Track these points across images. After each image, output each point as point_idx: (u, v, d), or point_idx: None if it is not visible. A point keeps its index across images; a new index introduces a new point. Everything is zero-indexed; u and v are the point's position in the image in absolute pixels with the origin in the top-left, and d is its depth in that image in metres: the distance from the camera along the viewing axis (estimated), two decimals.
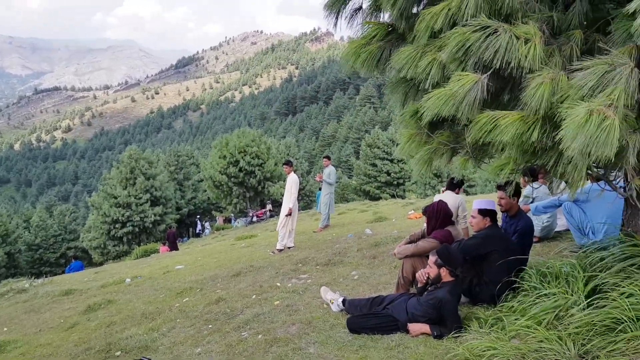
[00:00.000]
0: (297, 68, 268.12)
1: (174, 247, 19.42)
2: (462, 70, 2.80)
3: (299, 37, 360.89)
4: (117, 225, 29.86)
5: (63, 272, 21.71)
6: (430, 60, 2.98)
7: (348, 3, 3.93)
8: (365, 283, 5.54)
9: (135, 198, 30.45)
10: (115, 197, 30.16)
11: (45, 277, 13.90)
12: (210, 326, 4.76)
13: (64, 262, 36.15)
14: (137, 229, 30.42)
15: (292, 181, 8.90)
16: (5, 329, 6.61)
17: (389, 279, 5.49)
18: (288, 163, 9.29)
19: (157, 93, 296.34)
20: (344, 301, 4.51)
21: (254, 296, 5.63)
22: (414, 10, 3.34)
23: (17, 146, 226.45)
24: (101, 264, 27.71)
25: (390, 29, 3.60)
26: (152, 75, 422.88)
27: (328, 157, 11.93)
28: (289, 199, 8.83)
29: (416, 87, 3.63)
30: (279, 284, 6.06)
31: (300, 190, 36.99)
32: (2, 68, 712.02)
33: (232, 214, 33.69)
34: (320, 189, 23.76)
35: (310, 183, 39.94)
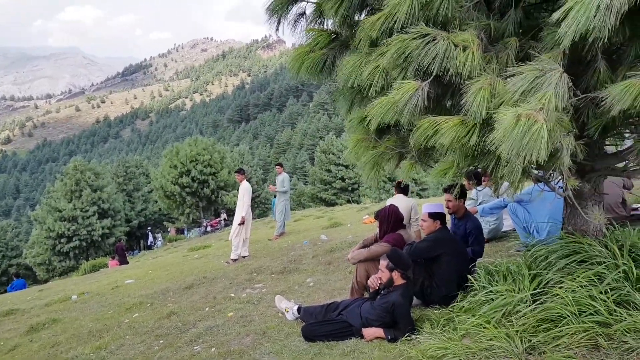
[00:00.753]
0: (249, 75, 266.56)
1: (123, 260, 18.79)
2: (404, 77, 2.86)
3: (250, 44, 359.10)
4: (62, 240, 28.50)
5: (5, 291, 20.45)
6: (373, 68, 3.02)
7: (291, 8, 3.91)
8: (321, 290, 5.53)
9: (81, 211, 29.20)
10: (60, 211, 28.79)
11: None
12: (161, 341, 4.60)
13: (6, 281, 34.04)
14: (84, 243, 29.17)
15: (245, 189, 8.81)
16: None
17: (344, 285, 5.50)
18: (240, 171, 9.20)
19: (103, 102, 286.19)
20: (299, 309, 4.48)
21: (207, 308, 5.50)
22: (356, 17, 3.38)
23: None
24: (46, 281, 26.33)
25: (333, 36, 3.63)
26: (97, 84, 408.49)
27: (281, 165, 11.83)
28: (242, 208, 8.72)
29: (362, 94, 3.67)
30: (233, 295, 5.96)
31: (255, 197, 36.82)
32: None
33: (185, 225, 32.93)
34: (275, 197, 23.75)
35: (265, 191, 39.68)
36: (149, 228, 36.24)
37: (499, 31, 2.99)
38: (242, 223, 8.62)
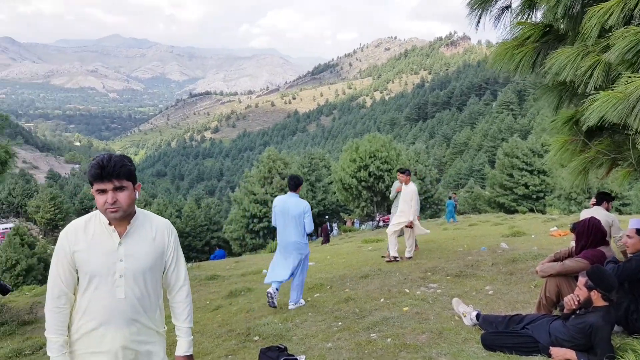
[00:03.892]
0: (430, 73, 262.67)
1: (326, 240, 20.87)
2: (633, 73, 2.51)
3: (433, 42, 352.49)
4: (254, 220, 32.15)
5: (207, 259, 23.98)
6: (593, 61, 2.72)
7: (495, 2, 3.73)
8: (501, 299, 5.24)
9: (271, 196, 32.46)
10: (254, 194, 32.47)
11: (193, 262, 15.51)
12: (340, 323, 4.90)
13: (208, 250, 40.01)
14: (271, 225, 32.42)
15: (413, 192, 8.29)
16: None
17: (527, 298, 5.13)
18: (405, 172, 8.50)
19: (294, 98, 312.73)
20: (477, 315, 4.33)
21: (382, 299, 5.66)
22: (576, 8, 3.06)
23: (173, 144, 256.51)
24: (239, 254, 30.04)
25: (546, 29, 3.35)
26: (290, 82, 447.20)
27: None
28: (409, 211, 8.24)
29: (573, 90, 3.34)
30: (407, 291, 6.02)
31: (428, 197, 36.25)
32: (164, 74, 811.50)
33: (358, 218, 34.12)
34: (450, 198, 23.06)
35: (439, 191, 38.85)
36: (327, 217, 38.52)
37: None
38: (410, 226, 8.45)
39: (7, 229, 46.02)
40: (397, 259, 8.41)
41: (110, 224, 2.09)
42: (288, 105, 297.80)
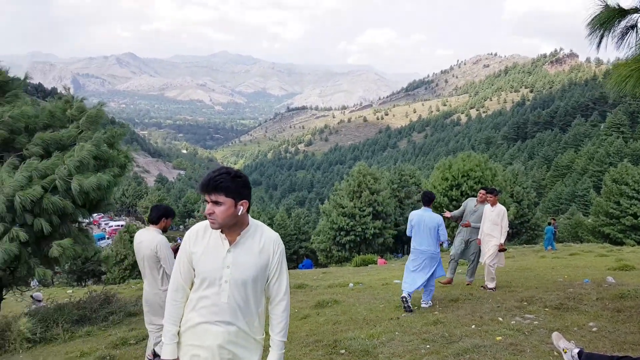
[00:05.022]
0: (531, 91, 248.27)
1: None
2: None
3: (536, 59, 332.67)
4: (342, 233, 32.43)
5: (295, 267, 24.58)
6: None
7: (620, 21, 3.53)
8: (606, 338, 4.83)
9: (359, 210, 32.57)
10: (343, 207, 32.79)
11: None
12: (428, 346, 4.81)
13: (296, 259, 41.00)
14: (358, 239, 32.47)
15: (504, 213, 7.88)
16: None
17: (638, 339, 4.68)
18: (494, 192, 8.14)
19: (386, 114, 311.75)
20: (580, 353, 4.03)
21: (473, 326, 5.47)
22: None
23: (269, 155, 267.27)
24: (325, 265, 30.42)
25: None
26: (383, 98, 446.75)
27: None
28: (499, 233, 7.83)
29: None
30: (501, 319, 5.75)
31: (525, 222, 34.13)
32: (265, 89, 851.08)
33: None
34: (549, 224, 21.54)
35: (536, 216, 36.49)
36: None
37: None
38: (503, 250, 8.03)
39: (119, 226, 50.70)
40: (494, 289, 7.95)
41: (222, 231, 2.26)
42: (380, 121, 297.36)
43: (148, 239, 4.50)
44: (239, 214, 2.22)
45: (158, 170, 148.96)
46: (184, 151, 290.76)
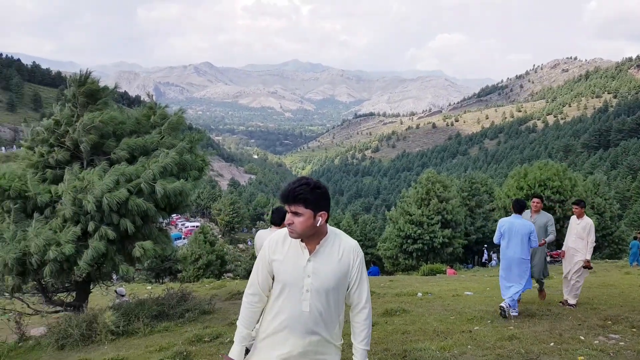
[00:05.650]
0: (615, 97, 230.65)
1: None
2: None
3: (620, 63, 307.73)
4: (409, 241, 31.84)
5: None
6: None
7: None
8: None
9: (427, 218, 31.83)
10: (410, 215, 32.21)
11: None
12: None
13: None
14: (425, 247, 31.73)
15: (590, 226, 7.30)
16: None
17: None
18: (580, 203, 7.61)
19: (456, 120, 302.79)
20: None
21: (552, 343, 5.17)
22: None
23: (336, 161, 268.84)
24: (391, 273, 30.01)
25: None
26: (454, 104, 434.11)
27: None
28: (585, 248, 7.30)
29: None
30: (582, 338, 5.39)
31: (607, 235, 31.78)
32: (334, 96, 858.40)
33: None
34: (635, 238, 19.84)
35: (620, 229, 33.88)
36: (486, 245, 36.36)
37: None
38: (588, 267, 7.45)
39: (195, 226, 53.05)
40: (574, 306, 7.47)
41: (302, 240, 2.30)
42: (450, 127, 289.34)
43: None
44: (318, 224, 2.24)
45: (231, 174, 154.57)
46: (255, 156, 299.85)
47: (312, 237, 2.28)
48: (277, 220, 5.05)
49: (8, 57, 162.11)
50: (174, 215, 10.19)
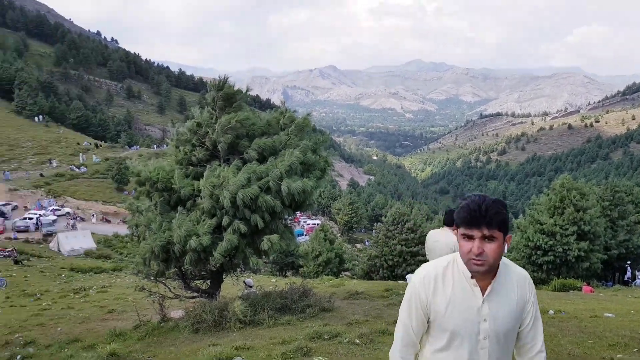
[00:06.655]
0: None
1: None
2: None
3: None
4: (538, 252, 29.47)
5: None
6: None
7: None
8: None
9: (561, 228, 29.16)
10: (541, 224, 29.77)
11: None
12: None
13: None
14: (557, 260, 29.11)
15: None
16: None
17: None
18: None
19: (597, 121, 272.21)
20: None
21: None
22: None
23: (458, 163, 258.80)
24: None
25: None
26: (594, 103, 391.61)
27: None
28: None
29: None
30: None
31: None
32: (457, 95, 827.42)
33: None
34: None
35: None
36: (629, 262, 32.27)
37: None
38: None
39: (316, 224, 54.82)
40: None
41: (472, 277, 1.89)
42: (589, 129, 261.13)
43: (445, 240, 4.84)
44: (505, 251, 1.90)
45: (350, 174, 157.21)
46: (374, 157, 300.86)
47: (487, 272, 1.87)
48: (449, 221, 4.92)
49: (159, 65, 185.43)
50: (298, 212, 10.65)
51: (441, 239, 4.88)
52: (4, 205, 47.16)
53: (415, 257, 32.65)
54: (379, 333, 6.36)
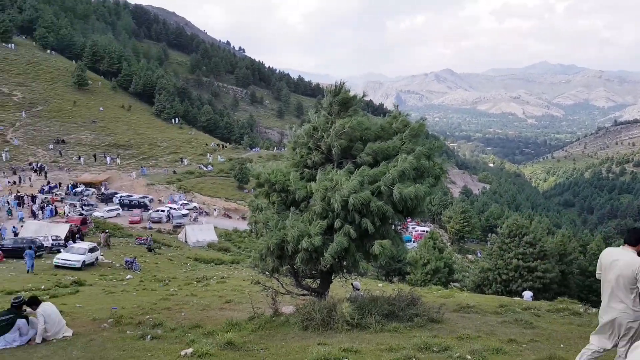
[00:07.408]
0: None
1: None
2: None
3: None
4: None
5: None
6: None
7: None
8: None
9: None
10: None
11: (591, 306, 13.69)
12: None
13: None
14: None
15: None
16: (562, 345, 7.07)
17: None
18: None
19: None
20: None
21: None
22: None
23: (586, 174, 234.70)
24: None
25: None
26: None
27: None
28: None
29: None
30: None
31: None
32: (588, 100, 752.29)
33: None
34: None
35: None
36: None
37: None
38: None
39: (424, 231, 53.64)
40: None
41: None
42: None
43: (626, 260, 4.59)
44: None
45: (463, 182, 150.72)
46: (491, 164, 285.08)
47: None
48: (633, 240, 4.74)
49: (280, 72, 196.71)
50: (408, 218, 10.50)
51: (622, 258, 4.65)
52: (145, 198, 53.21)
53: (533, 272, 30.33)
54: (492, 351, 6.02)
